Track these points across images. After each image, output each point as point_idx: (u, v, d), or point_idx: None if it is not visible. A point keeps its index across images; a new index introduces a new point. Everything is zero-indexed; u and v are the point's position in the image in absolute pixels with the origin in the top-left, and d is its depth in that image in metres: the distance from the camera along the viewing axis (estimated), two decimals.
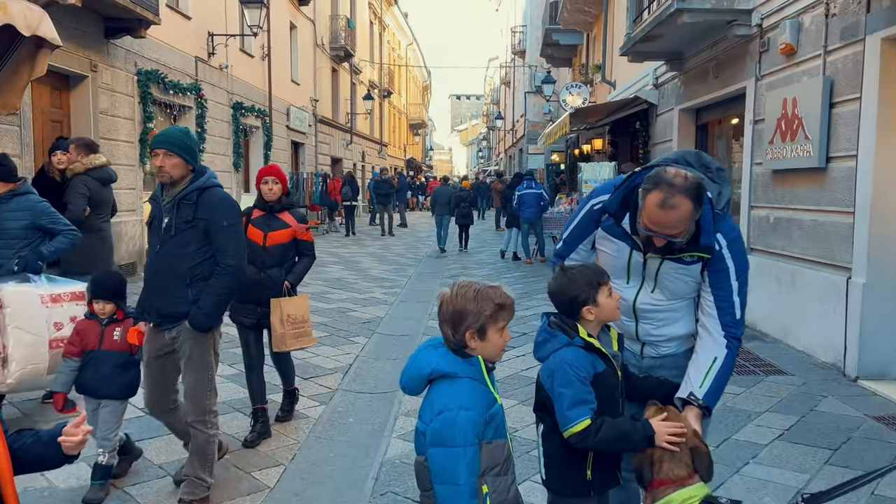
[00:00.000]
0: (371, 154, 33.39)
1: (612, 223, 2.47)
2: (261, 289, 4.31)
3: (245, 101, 15.63)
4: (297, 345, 4.55)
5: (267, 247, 4.32)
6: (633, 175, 2.44)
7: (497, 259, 14.23)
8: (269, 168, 4.53)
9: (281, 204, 4.39)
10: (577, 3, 16.58)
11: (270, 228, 4.34)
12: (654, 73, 10.79)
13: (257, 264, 4.28)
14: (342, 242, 17.31)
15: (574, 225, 2.64)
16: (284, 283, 4.38)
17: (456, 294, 2.04)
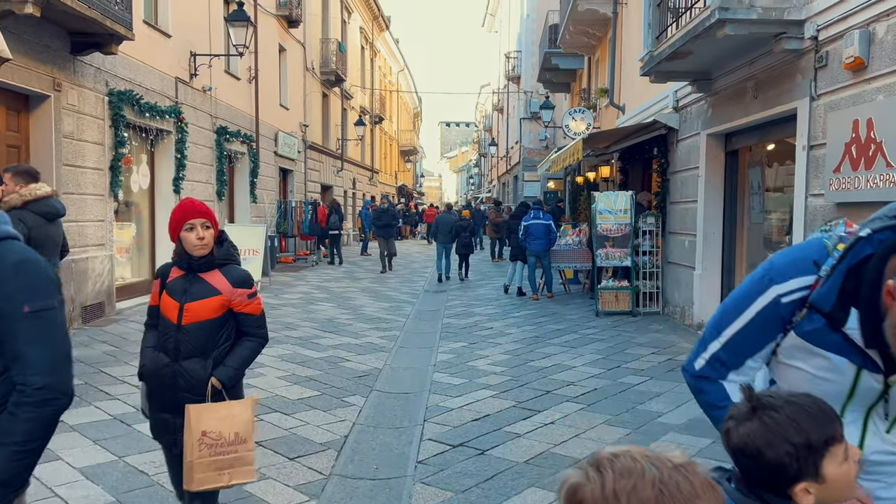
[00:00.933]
0: (362, 181, 32.50)
1: (825, 326, 1.49)
2: (174, 391, 2.98)
3: (230, 126, 14.68)
4: (218, 482, 2.97)
5: (184, 325, 2.96)
6: (856, 243, 1.44)
7: (500, 294, 13.23)
8: (191, 205, 3.01)
9: (212, 259, 3.01)
10: (580, 24, 15.84)
11: (190, 297, 2.97)
12: (674, 96, 9.94)
13: (170, 352, 2.99)
14: (333, 275, 16.27)
15: (741, 325, 1.61)
16: (211, 380, 2.97)
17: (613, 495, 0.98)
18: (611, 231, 10.41)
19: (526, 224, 12.17)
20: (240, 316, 3.05)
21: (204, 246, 2.97)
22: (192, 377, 2.97)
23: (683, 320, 9.63)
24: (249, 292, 3.04)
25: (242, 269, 3.09)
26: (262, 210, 17.26)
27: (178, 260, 3.04)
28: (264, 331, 3.17)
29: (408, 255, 23.56)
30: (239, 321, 3.07)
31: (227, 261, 3.06)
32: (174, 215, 2.98)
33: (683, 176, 9.76)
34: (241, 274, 3.06)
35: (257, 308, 3.09)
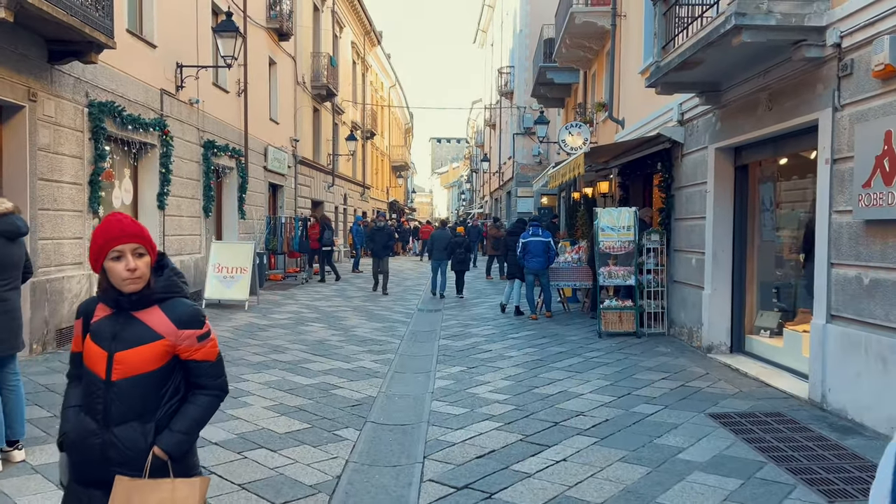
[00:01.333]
0: (353, 196, 32.08)
1: None
2: (105, 465, 2.29)
3: (218, 140, 14.23)
4: None
5: (115, 381, 2.28)
6: None
7: (497, 313, 12.78)
8: (117, 225, 2.30)
9: (149, 293, 2.33)
10: (576, 38, 15.56)
11: (122, 343, 2.29)
12: (678, 109, 9.59)
13: (98, 415, 2.30)
14: (324, 293, 15.78)
15: None
16: (152, 450, 2.30)
17: None
18: (614, 248, 10.01)
19: (524, 241, 11.77)
20: (190, 364, 2.37)
21: (136, 279, 2.28)
22: (128, 448, 2.27)
23: (691, 342, 9.21)
24: (200, 333, 2.36)
25: (190, 304, 2.41)
26: (250, 226, 16.78)
27: (104, 295, 2.34)
28: (222, 380, 2.46)
29: (400, 272, 23.09)
30: (189, 370, 2.39)
31: (169, 294, 2.36)
32: (95, 238, 2.31)
33: (689, 191, 9.39)
34: (189, 310, 2.36)
35: (212, 352, 2.41)
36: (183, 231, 12.58)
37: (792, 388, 6.63)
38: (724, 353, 8.45)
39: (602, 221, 10.03)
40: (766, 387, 6.94)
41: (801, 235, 8.04)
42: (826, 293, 5.99)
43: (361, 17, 31.82)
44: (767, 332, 8.20)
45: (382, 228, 16.43)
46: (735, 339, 8.51)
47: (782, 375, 7.17)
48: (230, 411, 6.09)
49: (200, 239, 13.47)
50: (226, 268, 12.79)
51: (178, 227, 12.38)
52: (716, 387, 7.02)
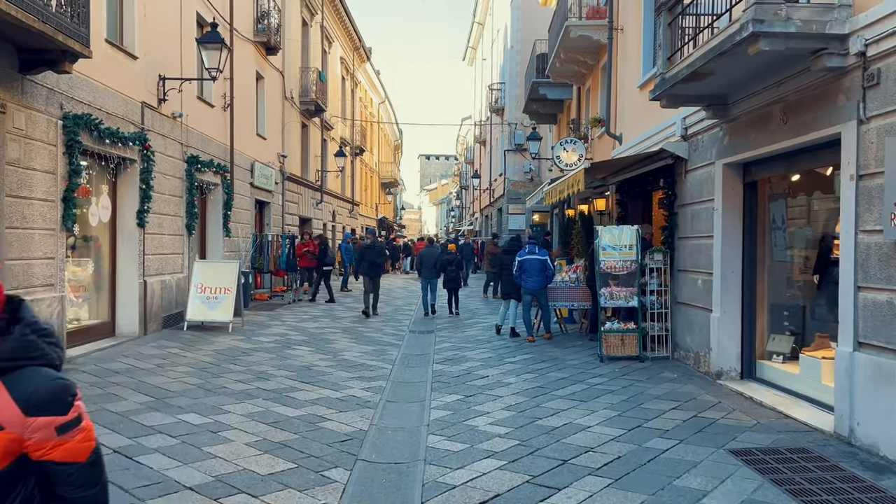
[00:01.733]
0: (342, 213, 31.61)
1: None
2: None
3: (202, 155, 13.75)
4: None
5: None
6: None
7: (492, 335, 12.31)
8: None
9: None
10: (571, 52, 15.26)
11: None
12: (682, 123, 9.23)
13: None
14: (311, 314, 15.24)
15: None
16: None
17: None
18: (615, 268, 9.59)
19: (521, 259, 11.34)
20: (45, 467, 1.66)
21: None
22: None
23: (698, 367, 8.77)
24: (61, 421, 1.63)
25: (51, 377, 1.66)
26: (236, 244, 16.26)
27: None
28: (96, 492, 1.72)
29: (390, 290, 22.58)
30: (48, 475, 1.67)
31: (17, 362, 1.62)
32: None
33: (695, 209, 9.00)
34: (46, 387, 1.63)
35: (80, 450, 1.68)
36: (164, 250, 12.05)
37: (814, 420, 6.20)
38: (734, 380, 8.01)
39: (603, 240, 9.62)
40: (785, 418, 6.50)
41: (814, 255, 7.67)
42: (853, 319, 5.58)
43: (351, 32, 31.55)
44: (780, 358, 7.78)
45: (372, 246, 15.36)
46: (746, 364, 8.08)
47: (801, 405, 6.74)
48: (207, 448, 5.57)
49: (183, 258, 12.94)
50: (209, 288, 12.25)
51: (160, 246, 11.85)
52: (731, 418, 6.57)
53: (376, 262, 15.07)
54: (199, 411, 6.72)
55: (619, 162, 10.34)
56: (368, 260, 15.05)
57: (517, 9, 29.09)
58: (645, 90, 11.27)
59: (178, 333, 11.65)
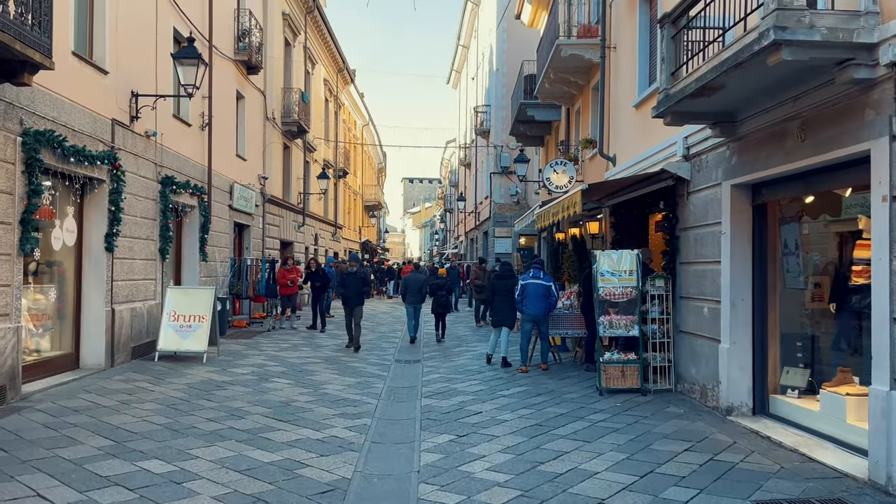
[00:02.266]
0: (325, 237, 30.95)
1: None
2: None
3: (178, 176, 13.11)
4: None
5: None
6: None
7: (482, 365, 11.69)
8: None
9: None
10: (561, 72, 14.88)
11: None
12: (683, 143, 8.78)
13: None
14: (292, 342, 14.53)
15: None
16: None
17: None
18: (614, 296, 9.06)
19: (523, 283, 10.81)
20: None
21: None
22: None
23: (706, 401, 8.22)
24: None
25: None
26: (213, 269, 15.56)
27: None
28: None
29: (374, 315, 21.92)
30: None
31: None
32: None
33: (699, 233, 8.51)
34: None
35: None
36: (135, 275, 11.35)
37: (844, 465, 5.65)
38: (746, 416, 7.47)
39: (601, 265, 9.09)
40: (809, 462, 5.94)
41: (829, 282, 7.19)
42: (889, 354, 5.06)
43: (334, 54, 31.18)
44: (795, 393, 7.25)
45: (354, 273, 13.69)
46: (758, 399, 7.54)
47: (825, 447, 6.19)
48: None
49: (155, 284, 12.23)
50: (182, 316, 11.55)
51: (130, 272, 11.15)
52: (751, 461, 6.00)
53: (359, 290, 13.38)
54: (164, 457, 6.03)
55: (617, 183, 9.88)
56: (350, 288, 13.41)
57: (503, 31, 28.88)
58: (641, 109, 10.86)
59: (149, 365, 10.91)
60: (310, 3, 25.22)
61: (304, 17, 25.20)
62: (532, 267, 11.29)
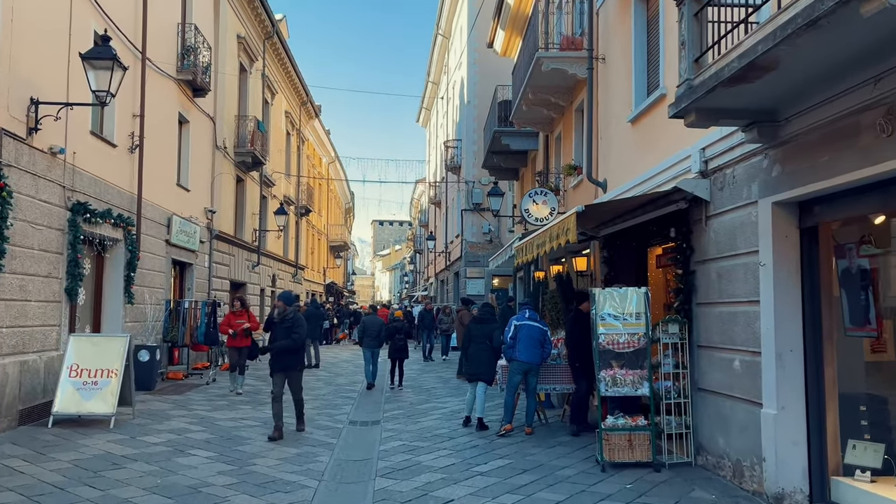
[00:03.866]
0: (284, 278, 28.82)
1: None
2: None
3: (95, 203, 11.14)
4: None
5: None
6: None
7: (453, 426, 9.77)
8: None
9: None
10: (541, 92, 13.36)
11: None
12: (700, 156, 7.15)
13: None
14: (230, 399, 12.39)
15: None
16: None
17: None
18: (619, 345, 7.26)
19: (517, 324, 9.02)
20: None
21: None
22: None
23: (741, 482, 6.39)
24: None
25: None
26: (141, 312, 13.44)
27: None
28: None
29: (334, 364, 19.81)
30: None
31: None
32: None
33: (723, 266, 6.82)
34: None
35: None
36: (28, 321, 9.26)
37: None
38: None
39: (602, 307, 7.31)
40: None
41: None
42: None
43: (297, 86, 29.57)
44: (867, 474, 5.48)
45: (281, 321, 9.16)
46: (816, 483, 5.75)
47: None
48: None
49: (58, 331, 10.13)
50: (87, 370, 9.44)
51: (20, 316, 9.07)
52: None
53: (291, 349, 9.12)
54: None
55: (619, 205, 8.15)
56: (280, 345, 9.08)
57: (474, 63, 27.64)
58: (638, 124, 9.30)
59: (39, 432, 8.76)
60: (269, 29, 23.66)
61: (262, 43, 23.60)
62: (522, 305, 9.57)
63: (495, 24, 20.87)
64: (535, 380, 9.13)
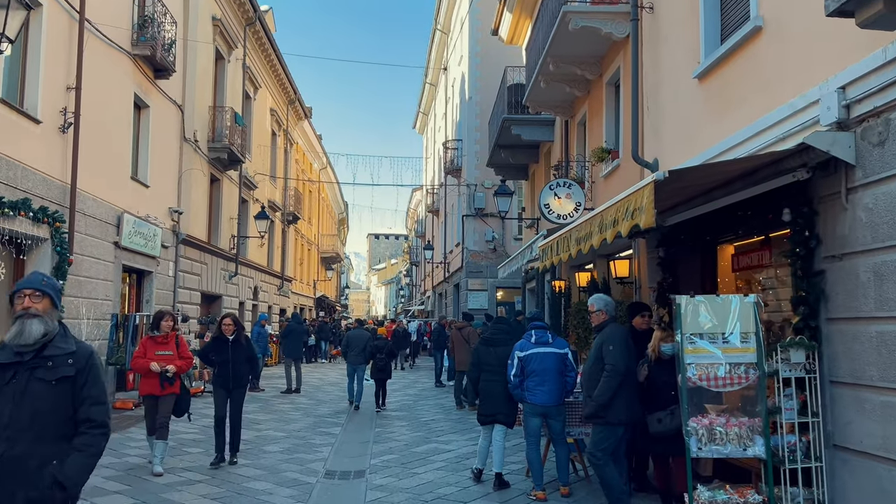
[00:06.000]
0: (268, 290, 26.35)
1: None
2: None
3: (7, 192, 8.76)
4: None
5: None
6: None
7: (462, 481, 7.35)
8: None
9: None
10: (564, 62, 11.03)
11: None
12: (839, 98, 4.78)
13: None
14: (179, 440, 9.91)
15: None
16: None
17: None
18: (717, 380, 4.86)
19: (524, 355, 6.60)
20: None
21: None
22: None
23: None
24: None
25: None
26: (75, 331, 10.98)
27: None
28: None
29: (319, 388, 17.33)
30: None
31: None
32: None
33: (883, 261, 4.44)
34: None
35: None
36: None
37: None
38: None
39: (688, 323, 4.91)
40: None
41: None
42: None
43: (284, 82, 27.25)
44: None
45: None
46: None
47: None
48: None
49: None
50: None
51: None
52: None
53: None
54: None
55: (721, 168, 5.61)
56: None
57: (476, 56, 25.42)
58: (711, 78, 6.97)
59: None
60: (250, 15, 21.38)
61: (242, 30, 21.31)
62: (532, 325, 7.08)
63: (501, 6, 18.64)
64: (561, 424, 6.70)
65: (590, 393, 6.10)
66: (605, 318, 6.27)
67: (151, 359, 7.51)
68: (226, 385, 8.09)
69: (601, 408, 5.91)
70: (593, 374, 6.08)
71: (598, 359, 6.08)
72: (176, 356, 7.65)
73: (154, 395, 7.61)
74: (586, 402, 6.22)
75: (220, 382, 8.15)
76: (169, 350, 7.66)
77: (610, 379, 5.89)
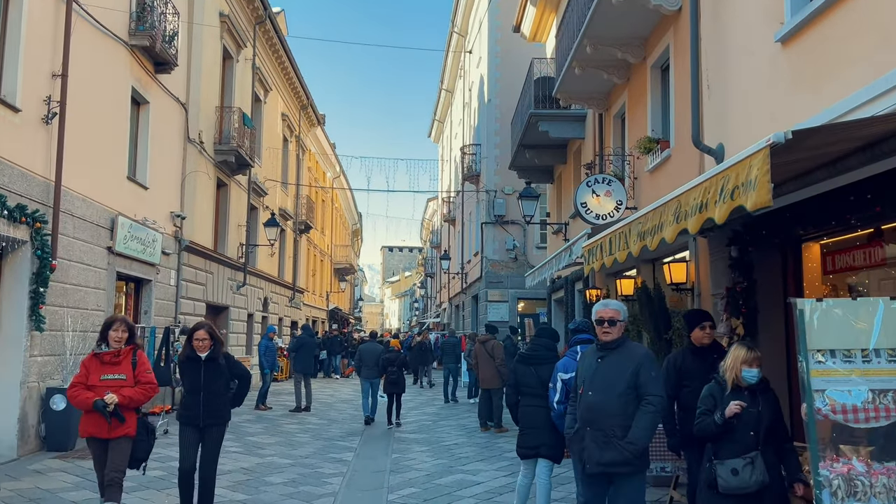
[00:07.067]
0: (279, 302, 25.25)
1: None
2: None
3: None
4: None
5: None
6: None
7: None
8: None
9: None
10: (603, 44, 9.88)
11: None
12: None
13: None
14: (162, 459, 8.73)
15: None
16: None
17: None
18: (857, 413, 3.62)
19: (568, 377, 5.36)
20: None
21: None
22: None
23: None
24: None
25: None
26: (58, 343, 9.90)
27: None
28: None
29: (330, 405, 16.14)
30: None
31: None
32: None
33: None
34: None
35: None
36: None
37: None
38: None
39: (814, 337, 3.67)
40: None
41: None
42: None
43: (296, 86, 26.30)
44: None
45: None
46: None
47: None
48: None
49: None
50: None
51: None
52: None
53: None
54: None
55: (860, 127, 4.35)
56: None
57: (496, 57, 24.37)
58: (799, 40, 5.77)
59: None
60: (260, 13, 20.43)
61: (252, 29, 20.37)
62: (575, 341, 5.85)
63: (524, 1, 17.61)
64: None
65: (616, 432, 4.70)
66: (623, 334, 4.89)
67: (95, 384, 5.33)
68: (194, 422, 5.94)
69: (641, 454, 4.60)
70: (623, 408, 4.68)
71: (630, 387, 4.69)
72: (130, 380, 5.42)
73: (99, 438, 5.38)
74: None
75: (187, 418, 6.01)
76: (121, 373, 5.42)
77: (657, 415, 4.60)
